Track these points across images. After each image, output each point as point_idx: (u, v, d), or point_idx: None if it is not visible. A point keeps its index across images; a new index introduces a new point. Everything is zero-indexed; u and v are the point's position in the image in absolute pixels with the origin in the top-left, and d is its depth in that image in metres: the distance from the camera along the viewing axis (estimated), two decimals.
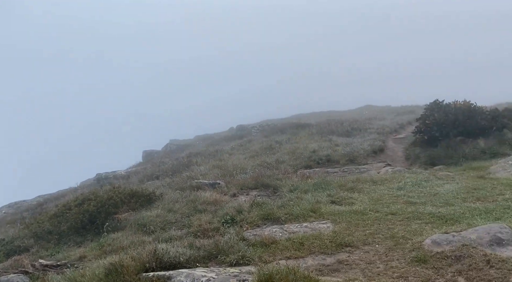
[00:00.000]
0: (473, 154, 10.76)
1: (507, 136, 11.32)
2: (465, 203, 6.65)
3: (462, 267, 4.34)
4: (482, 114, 11.82)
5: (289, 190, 8.65)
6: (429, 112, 12.53)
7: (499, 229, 4.96)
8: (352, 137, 16.86)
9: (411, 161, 12.34)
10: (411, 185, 8.32)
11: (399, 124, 19.80)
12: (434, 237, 5.06)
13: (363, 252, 5.11)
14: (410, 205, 6.88)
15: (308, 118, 31.55)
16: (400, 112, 26.71)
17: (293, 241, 5.48)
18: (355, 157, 13.04)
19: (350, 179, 9.30)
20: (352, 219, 6.33)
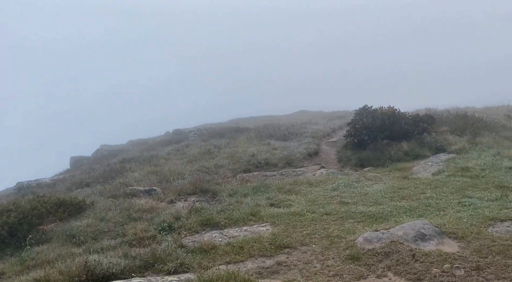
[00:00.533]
0: (398, 156, 11.58)
1: (426, 139, 12.36)
2: (392, 202, 7.12)
3: (391, 262, 4.62)
4: (405, 119, 12.80)
5: (228, 194, 8.62)
6: (359, 117, 13.28)
7: (422, 225, 5.37)
8: (289, 141, 17.30)
9: (343, 163, 12.95)
10: (343, 186, 8.72)
11: (331, 129, 20.74)
12: (366, 235, 5.34)
13: (301, 252, 5.24)
14: (343, 205, 7.21)
15: (247, 122, 31.83)
16: (332, 117, 27.98)
17: (233, 246, 5.45)
18: (292, 160, 13.40)
19: (288, 182, 9.53)
20: (290, 221, 6.47)
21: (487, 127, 12.99)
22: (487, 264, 4.30)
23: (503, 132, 12.46)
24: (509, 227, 5.18)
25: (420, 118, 12.66)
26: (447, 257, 4.54)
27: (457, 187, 7.61)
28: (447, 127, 13.30)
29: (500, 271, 4.15)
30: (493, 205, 6.18)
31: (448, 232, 5.23)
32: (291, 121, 26.48)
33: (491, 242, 4.78)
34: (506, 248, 4.59)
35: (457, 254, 4.59)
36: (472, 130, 12.51)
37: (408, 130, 12.57)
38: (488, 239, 4.88)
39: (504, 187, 7.22)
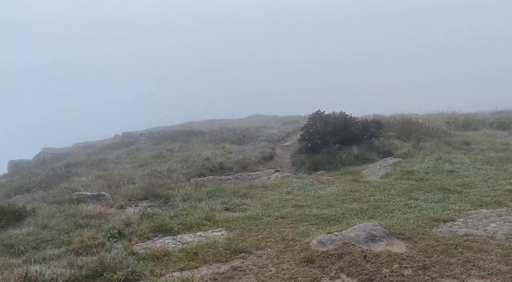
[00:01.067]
0: (349, 160, 11.98)
1: (375, 143, 12.91)
2: (344, 204, 7.31)
3: (344, 264, 4.72)
4: (355, 124, 13.29)
5: (182, 199, 8.41)
6: (312, 121, 13.59)
7: (373, 227, 5.54)
8: (244, 144, 17.32)
9: (297, 167, 13.17)
10: (298, 190, 8.85)
11: (286, 133, 21.06)
12: (320, 237, 5.42)
13: (256, 256, 5.21)
14: (298, 208, 7.29)
15: (201, 125, 31.46)
16: (286, 122, 28.44)
17: (186, 252, 5.30)
18: (247, 164, 13.41)
19: (243, 186, 9.49)
20: (245, 225, 6.42)
21: (430, 133, 13.82)
22: (432, 263, 4.51)
23: (444, 138, 13.32)
24: (451, 227, 5.49)
25: (368, 123, 13.20)
26: (396, 257, 4.71)
27: (404, 190, 7.99)
28: (393, 132, 13.98)
29: (444, 269, 4.37)
30: (436, 206, 6.54)
31: (396, 233, 5.44)
32: (246, 125, 26.55)
33: (436, 242, 5.03)
34: (448, 247, 4.85)
35: (405, 254, 4.78)
36: (416, 135, 13.25)
37: (358, 135, 13.06)
38: (432, 239, 5.13)
39: (446, 189, 7.68)
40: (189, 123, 38.13)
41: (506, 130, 14.84)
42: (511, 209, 6.06)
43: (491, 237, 5.05)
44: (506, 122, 16.45)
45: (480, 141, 12.75)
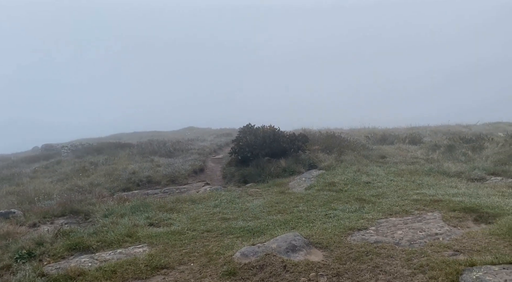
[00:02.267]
0: (277, 172, 12.35)
1: (301, 156, 13.46)
2: (269, 216, 7.51)
3: (265, 275, 4.84)
4: (283, 137, 13.76)
5: (103, 215, 8.00)
6: (242, 134, 13.82)
7: (294, 237, 5.77)
8: (174, 157, 17.01)
9: (228, 179, 13.25)
10: (226, 203, 8.90)
11: (218, 145, 21.13)
12: (243, 249, 5.50)
13: (179, 272, 5.13)
14: (224, 221, 7.33)
15: (130, 138, 30.28)
16: (219, 134, 28.52)
17: (104, 270, 5.05)
18: (176, 177, 13.19)
19: (170, 200, 9.31)
20: (169, 240, 6.30)
21: (351, 147, 14.77)
22: (345, 270, 4.81)
23: (363, 151, 14.33)
24: (364, 235, 5.91)
25: (296, 137, 13.76)
26: (313, 266, 4.94)
27: (325, 201, 8.42)
28: (318, 145, 14.71)
29: (355, 275, 4.68)
30: (352, 216, 6.99)
31: (315, 242, 5.71)
32: (178, 137, 26.12)
33: (349, 250, 5.37)
34: (360, 254, 5.21)
35: (321, 263, 5.04)
36: (338, 149, 14.08)
37: (286, 148, 13.53)
38: (347, 247, 5.47)
39: (362, 199, 8.24)
40: (118, 135, 36.50)
41: (416, 145, 16.37)
42: (416, 217, 6.68)
43: (397, 243, 5.52)
44: (417, 137, 18.17)
45: (394, 155, 13.91)
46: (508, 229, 5.35)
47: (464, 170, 10.62)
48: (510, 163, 10.95)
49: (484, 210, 6.48)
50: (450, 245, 5.19)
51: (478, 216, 6.38)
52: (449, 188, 8.58)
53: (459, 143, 13.81)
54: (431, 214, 6.68)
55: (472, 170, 10.53)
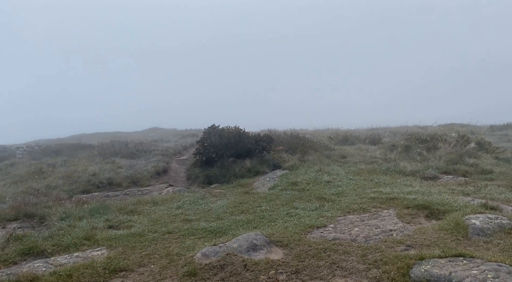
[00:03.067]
0: (242, 173, 12.41)
1: (266, 157, 13.60)
2: (232, 216, 7.55)
3: (225, 274, 4.87)
4: (248, 138, 13.85)
5: (60, 218, 7.73)
6: (207, 135, 13.77)
7: (255, 236, 5.84)
8: (137, 159, 16.66)
9: (192, 181, 13.16)
10: (189, 204, 8.85)
11: (183, 146, 20.89)
12: (204, 250, 5.51)
13: (138, 274, 5.06)
14: (186, 223, 7.29)
15: (91, 138, 29.33)
16: (184, 135, 28.22)
17: (59, 275, 4.90)
18: (138, 179, 12.93)
19: (131, 202, 9.14)
20: (129, 243, 6.19)
21: (314, 147, 15.09)
22: (304, 267, 4.94)
23: (325, 152, 14.68)
24: (323, 233, 6.08)
25: (260, 137, 13.89)
26: (273, 264, 5.03)
27: (287, 200, 8.57)
28: (283, 146, 14.92)
29: (313, 272, 4.81)
30: (313, 214, 7.17)
31: (276, 241, 5.81)
32: (141, 138, 25.60)
33: (308, 247, 5.51)
34: (319, 251, 5.36)
35: (281, 261, 5.14)
36: (302, 149, 14.35)
37: (251, 149, 13.62)
38: (306, 244, 5.61)
39: (323, 198, 8.46)
40: (79, 135, 35.27)
41: (376, 145, 16.98)
42: (372, 214, 6.95)
43: (354, 240, 5.73)
44: (377, 138, 18.84)
45: (354, 155, 14.36)
46: (455, 224, 5.69)
47: (419, 169, 11.14)
48: (461, 162, 11.61)
49: (435, 207, 6.84)
50: (402, 241, 5.44)
51: (429, 213, 6.73)
52: (404, 187, 8.98)
53: (415, 143, 14.46)
54: (386, 212, 6.97)
55: (426, 169, 11.06)
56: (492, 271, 3.97)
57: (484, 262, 4.26)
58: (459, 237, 5.37)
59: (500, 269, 4.02)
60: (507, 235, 5.27)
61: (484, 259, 4.35)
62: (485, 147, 13.58)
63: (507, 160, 12.41)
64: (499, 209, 6.49)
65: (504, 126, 24.84)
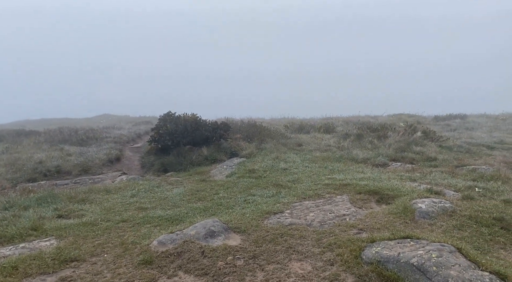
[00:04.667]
0: (199, 161, 12.29)
1: (223, 145, 13.56)
2: (189, 204, 7.48)
3: (183, 261, 4.83)
4: (205, 126, 13.70)
5: (3, 207, 7.25)
6: (163, 122, 13.44)
7: (213, 223, 5.83)
8: (87, 146, 15.94)
9: (147, 169, 12.84)
10: (144, 192, 8.64)
11: (137, 134, 20.29)
12: (160, 238, 5.42)
13: (91, 264, 4.88)
14: (141, 211, 7.12)
15: (37, 125, 27.67)
16: (138, 122, 27.40)
17: (3, 267, 4.60)
18: (89, 167, 12.40)
19: (82, 190, 8.76)
20: (80, 232, 5.95)
21: (271, 135, 15.25)
22: (261, 252, 5.01)
23: (282, 140, 14.88)
24: (279, 219, 6.19)
25: (218, 125, 13.79)
26: (231, 250, 5.05)
27: (244, 187, 8.62)
28: (240, 134, 14.93)
29: (270, 256, 4.90)
30: (270, 200, 7.27)
31: (233, 227, 5.84)
32: (92, 125, 24.52)
33: (266, 233, 5.59)
34: (275, 236, 5.45)
35: (239, 246, 5.18)
36: (259, 137, 14.45)
37: (208, 136, 13.50)
38: (263, 230, 5.69)
39: (279, 185, 8.60)
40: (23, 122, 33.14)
41: (330, 134, 17.47)
42: (327, 200, 7.17)
43: (309, 224, 5.89)
44: (331, 126, 19.37)
45: (309, 143, 14.69)
46: (404, 208, 6.02)
47: (370, 156, 11.63)
48: (408, 150, 12.26)
49: (385, 192, 7.18)
50: (355, 225, 5.68)
51: (380, 198, 7.06)
52: (356, 173, 9.34)
53: (366, 132, 15.05)
54: (340, 197, 7.22)
55: (377, 156, 11.58)
56: (436, 251, 4.25)
57: (429, 243, 4.55)
58: (407, 220, 5.69)
59: (443, 249, 4.31)
60: (449, 217, 5.66)
61: (429, 240, 4.64)
62: (430, 136, 14.42)
63: (449, 148, 13.28)
64: (442, 194, 6.95)
65: (447, 117, 26.51)
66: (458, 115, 27.18)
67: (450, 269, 3.83)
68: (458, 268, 3.87)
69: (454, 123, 23.27)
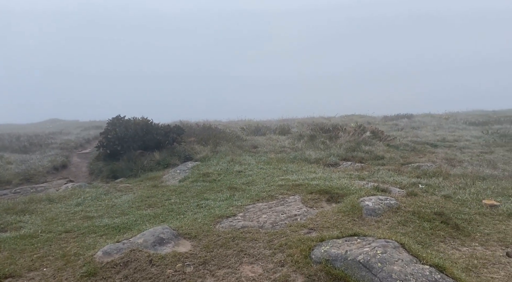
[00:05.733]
0: (150, 166, 11.93)
1: (177, 148, 13.26)
2: (139, 211, 7.21)
3: (129, 271, 4.62)
4: (157, 129, 13.33)
5: None
6: (111, 127, 12.91)
7: (162, 230, 5.64)
8: (30, 153, 15.00)
9: (95, 175, 12.28)
10: (90, 200, 8.23)
11: (86, 139, 19.41)
12: (106, 248, 5.16)
13: (27, 279, 4.54)
14: (87, 220, 6.77)
15: None
16: (88, 127, 26.26)
17: None
18: (32, 175, 11.66)
19: (22, 200, 8.19)
20: (17, 246, 5.53)
21: (226, 138, 15.16)
22: (212, 257, 4.91)
23: (237, 142, 14.84)
24: (232, 222, 6.12)
25: (170, 129, 13.47)
26: (180, 256, 4.91)
27: (198, 191, 8.47)
28: (194, 137, 14.70)
29: (221, 261, 4.82)
30: (223, 204, 7.18)
31: (184, 233, 5.69)
32: (37, 131, 23.15)
33: (217, 237, 5.50)
34: (227, 240, 5.38)
35: (189, 253, 5.04)
36: (214, 140, 14.31)
37: (160, 140, 13.14)
38: (215, 235, 5.59)
39: (234, 188, 8.53)
40: None
41: (285, 135, 17.69)
42: (280, 201, 7.20)
43: (262, 226, 5.87)
44: (286, 128, 19.63)
45: (265, 145, 14.77)
46: (352, 206, 6.17)
47: (322, 156, 11.89)
48: (358, 150, 12.67)
49: (335, 191, 7.34)
50: (306, 224, 5.74)
51: (330, 197, 7.20)
52: (309, 173, 9.49)
53: (319, 133, 15.39)
54: (292, 197, 7.28)
55: (329, 156, 11.85)
56: (381, 247, 4.38)
57: (375, 240, 4.68)
58: (355, 218, 5.84)
59: (387, 245, 4.45)
60: (394, 213, 5.88)
61: (375, 237, 4.78)
62: (378, 135, 15.02)
63: (396, 146, 13.89)
64: (388, 191, 7.22)
65: (395, 117, 27.80)
66: (405, 115, 28.59)
67: (393, 265, 3.95)
68: (401, 263, 4.00)
69: (401, 122, 24.42)
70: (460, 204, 6.35)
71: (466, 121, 24.79)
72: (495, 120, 24.86)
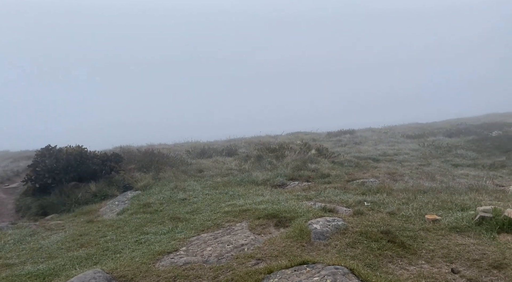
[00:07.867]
0: (86, 198, 10.99)
1: (115, 178, 12.41)
2: (69, 253, 6.45)
3: None
4: (93, 158, 12.43)
5: None
6: (40, 158, 11.81)
7: (93, 275, 5.01)
8: None
9: (22, 213, 11.08)
10: (12, 244, 7.28)
11: (14, 172, 17.72)
12: None
13: None
14: (6, 269, 5.93)
15: None
16: (18, 158, 24.09)
17: None
18: None
19: None
20: None
21: (170, 163, 14.51)
22: None
23: (182, 167, 14.26)
24: (173, 258, 5.62)
25: (108, 157, 12.63)
26: None
27: (137, 225, 7.83)
28: (135, 164, 13.91)
29: None
30: (164, 238, 6.64)
31: (119, 276, 5.10)
32: None
33: (157, 278, 4.98)
34: (169, 280, 4.88)
35: None
36: (156, 166, 13.62)
37: (96, 170, 12.24)
38: (154, 275, 5.06)
39: (177, 218, 8.00)
40: None
41: (232, 156, 17.37)
42: (226, 229, 6.81)
43: (206, 261, 5.43)
44: (233, 149, 19.34)
45: (211, 168, 14.32)
46: (300, 231, 5.95)
47: (269, 177, 11.69)
48: (305, 168, 12.67)
49: (283, 215, 7.09)
50: (253, 255, 5.39)
51: (278, 221, 6.94)
52: (256, 196, 9.21)
53: (266, 153, 15.27)
54: (239, 225, 6.93)
55: (276, 177, 11.69)
56: (331, 275, 4.15)
57: (324, 267, 4.45)
58: (303, 243, 5.61)
59: (337, 272, 4.24)
60: (343, 235, 5.73)
61: (324, 264, 4.56)
62: (323, 152, 15.22)
63: (341, 163, 14.12)
64: (335, 211, 7.12)
65: (338, 133, 28.67)
66: (348, 130, 29.59)
67: None
68: None
69: (344, 138, 25.18)
70: (404, 221, 6.38)
71: (403, 134, 26.15)
72: (429, 132, 26.51)
